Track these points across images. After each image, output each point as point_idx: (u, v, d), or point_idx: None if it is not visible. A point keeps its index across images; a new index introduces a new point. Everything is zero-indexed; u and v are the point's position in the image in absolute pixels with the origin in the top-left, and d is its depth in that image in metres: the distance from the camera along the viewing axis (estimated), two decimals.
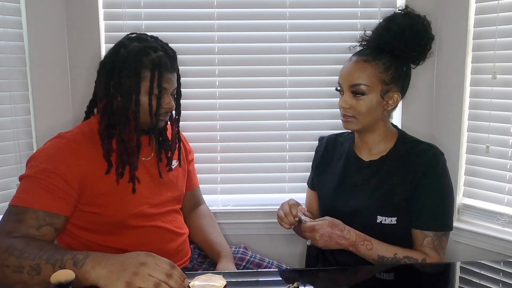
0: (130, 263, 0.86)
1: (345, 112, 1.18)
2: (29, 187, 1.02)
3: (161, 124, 1.18)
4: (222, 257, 1.28)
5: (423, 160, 1.16)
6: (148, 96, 1.10)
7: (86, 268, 0.86)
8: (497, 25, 1.44)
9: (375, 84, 1.14)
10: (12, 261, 0.90)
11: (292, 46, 1.61)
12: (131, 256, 0.88)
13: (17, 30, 1.45)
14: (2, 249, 0.92)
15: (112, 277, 0.84)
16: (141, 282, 0.83)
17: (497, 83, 1.46)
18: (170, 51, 1.16)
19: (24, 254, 0.90)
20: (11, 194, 1.00)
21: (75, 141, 1.09)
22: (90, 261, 0.87)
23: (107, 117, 1.12)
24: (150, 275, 0.84)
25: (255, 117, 1.65)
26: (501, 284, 1.02)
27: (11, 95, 1.45)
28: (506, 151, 1.45)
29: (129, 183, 1.13)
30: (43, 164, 1.04)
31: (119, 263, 0.86)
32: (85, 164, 1.08)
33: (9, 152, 1.45)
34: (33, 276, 0.88)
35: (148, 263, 0.86)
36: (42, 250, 0.91)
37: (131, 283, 0.83)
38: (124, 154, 1.11)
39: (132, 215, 1.14)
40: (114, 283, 0.84)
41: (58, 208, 1.02)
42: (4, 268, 0.90)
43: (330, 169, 1.32)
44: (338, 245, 1.14)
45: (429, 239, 1.14)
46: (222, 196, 1.69)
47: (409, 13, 1.17)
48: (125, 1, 1.56)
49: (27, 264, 0.89)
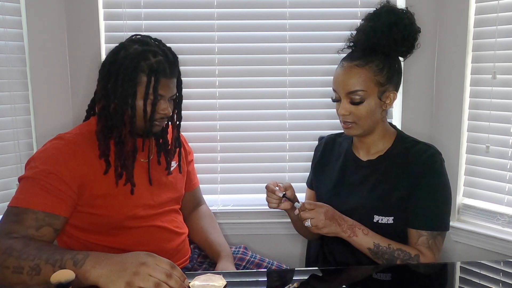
0: (131, 263, 0.86)
1: (345, 119, 1.17)
2: (29, 188, 1.02)
3: (156, 129, 1.17)
4: (222, 257, 1.28)
5: (421, 159, 1.16)
6: (143, 101, 1.09)
7: (86, 268, 0.86)
8: (497, 25, 1.44)
9: (371, 88, 1.14)
10: (11, 261, 0.90)
11: (292, 46, 1.61)
12: (131, 256, 0.88)
13: (17, 30, 1.45)
14: (2, 250, 0.92)
15: (112, 277, 0.84)
16: (141, 282, 0.83)
17: (497, 83, 1.46)
18: (171, 56, 1.14)
19: (23, 254, 0.90)
20: (11, 194, 1.00)
21: (74, 142, 1.09)
22: (90, 261, 0.87)
23: (104, 119, 1.12)
24: (150, 275, 0.84)
25: (255, 117, 1.65)
26: (501, 284, 1.02)
27: (11, 95, 1.45)
28: (506, 151, 1.45)
29: (126, 185, 1.13)
30: (42, 165, 1.04)
31: (119, 263, 0.86)
32: (84, 165, 1.08)
33: (9, 152, 1.45)
34: (32, 277, 0.88)
35: (148, 263, 0.86)
36: (41, 251, 0.91)
37: (132, 283, 0.83)
38: (121, 157, 1.11)
39: (131, 216, 1.14)
40: (115, 283, 0.84)
41: (57, 209, 1.02)
42: (4, 269, 0.90)
43: (328, 169, 1.32)
44: (338, 226, 1.12)
45: (424, 239, 1.14)
46: (222, 196, 1.69)
47: (393, 9, 1.16)
48: (125, 1, 1.56)
49: (27, 264, 0.89)
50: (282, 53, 1.61)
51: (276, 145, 1.66)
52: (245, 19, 1.60)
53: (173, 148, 1.26)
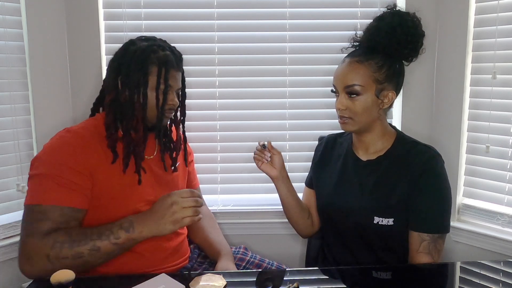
0: (164, 209, 1.03)
1: (341, 113, 1.18)
2: (45, 184, 1.03)
3: (165, 122, 1.19)
4: (222, 255, 1.28)
5: (421, 161, 1.16)
6: (155, 90, 1.13)
7: (139, 230, 1.03)
8: (497, 25, 1.44)
9: (369, 84, 1.14)
10: (66, 252, 0.98)
11: (292, 46, 1.61)
12: (159, 205, 1.05)
13: (17, 30, 1.45)
14: (50, 246, 0.98)
15: (160, 226, 1.03)
16: (181, 216, 1.02)
17: (497, 83, 1.46)
18: (177, 52, 1.20)
19: (74, 242, 0.99)
20: (11, 194, 1.00)
21: (81, 134, 1.11)
22: (137, 223, 1.03)
23: (114, 110, 1.14)
24: (184, 208, 1.03)
25: (255, 117, 1.65)
26: (501, 284, 1.02)
27: (11, 95, 1.45)
28: (506, 151, 1.45)
29: (135, 174, 1.14)
30: (53, 159, 1.05)
31: (156, 213, 1.04)
32: (92, 156, 1.09)
33: (9, 152, 1.45)
34: (95, 255, 1.00)
35: (176, 200, 1.03)
36: (86, 234, 1.01)
37: (176, 220, 1.02)
38: (130, 145, 1.13)
39: (134, 210, 1.14)
40: (164, 228, 1.03)
41: (78, 203, 1.05)
42: (62, 260, 0.98)
43: (329, 168, 1.32)
44: None
45: (425, 244, 1.13)
46: (222, 196, 1.69)
47: (399, 11, 1.18)
48: (125, 1, 1.56)
49: (84, 248, 0.99)
50: (282, 53, 1.61)
51: (276, 145, 1.64)
52: (245, 19, 1.60)
53: (179, 144, 1.29)
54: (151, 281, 0.97)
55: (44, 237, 0.99)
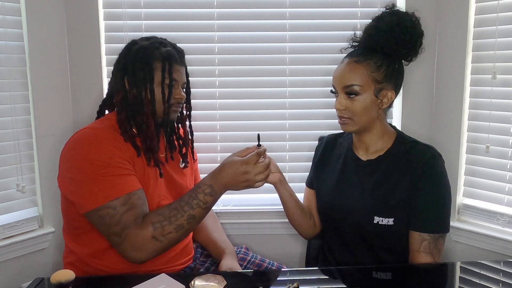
0: (237, 176, 1.09)
1: (341, 113, 1.18)
2: (110, 180, 1.04)
3: (173, 116, 1.21)
4: (226, 254, 1.29)
5: (421, 161, 1.16)
6: (160, 85, 1.15)
7: (220, 192, 1.12)
8: (497, 25, 1.44)
9: (367, 84, 1.14)
10: (169, 228, 1.05)
11: (292, 46, 1.61)
12: (232, 172, 1.10)
13: (17, 30, 1.45)
14: (151, 229, 1.04)
15: (234, 188, 1.12)
16: (254, 181, 1.10)
17: (497, 83, 1.46)
18: (178, 48, 1.23)
19: (172, 218, 1.06)
20: (11, 194, 0.99)
21: (105, 130, 1.13)
22: (217, 188, 1.11)
23: (125, 108, 1.16)
24: (256, 174, 1.09)
25: (255, 117, 1.65)
26: (501, 284, 1.02)
27: (11, 95, 1.45)
28: (506, 151, 1.45)
29: (154, 167, 1.17)
30: (101, 156, 1.06)
31: (230, 180, 1.10)
32: (125, 148, 1.11)
33: (9, 152, 1.45)
34: (192, 223, 1.09)
35: (247, 170, 1.09)
36: (177, 208, 1.08)
37: (248, 186, 1.11)
38: (147, 140, 1.15)
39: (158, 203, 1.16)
40: (238, 189, 1.12)
41: (140, 184, 1.11)
42: (168, 235, 1.05)
43: (329, 168, 1.32)
44: None
45: (426, 243, 1.13)
46: (222, 196, 1.68)
47: (397, 11, 1.18)
48: (125, 1, 1.56)
49: (182, 221, 1.07)
50: (282, 53, 1.61)
51: (276, 145, 1.66)
52: (245, 19, 1.60)
53: (187, 139, 1.31)
54: (151, 281, 0.97)
55: (140, 224, 1.04)
